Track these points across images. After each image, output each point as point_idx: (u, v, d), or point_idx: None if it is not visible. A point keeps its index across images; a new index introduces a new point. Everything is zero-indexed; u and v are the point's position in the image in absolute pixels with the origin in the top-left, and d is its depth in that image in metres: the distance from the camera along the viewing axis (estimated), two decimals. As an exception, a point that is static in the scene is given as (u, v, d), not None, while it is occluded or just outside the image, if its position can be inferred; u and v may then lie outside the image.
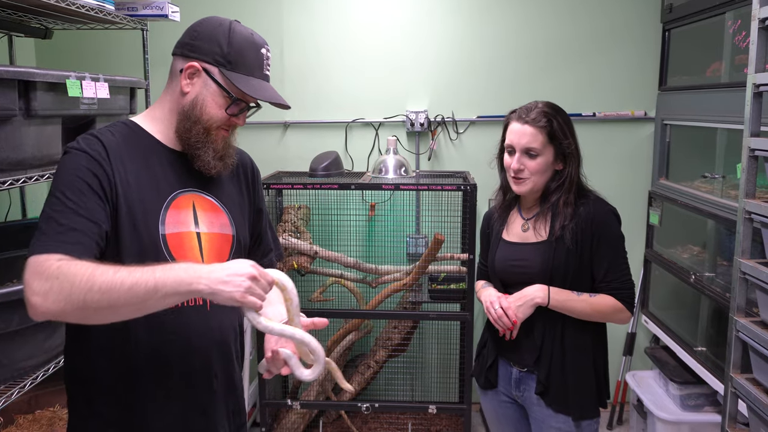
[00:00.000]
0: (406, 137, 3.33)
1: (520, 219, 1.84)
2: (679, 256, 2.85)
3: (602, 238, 1.70)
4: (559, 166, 1.75)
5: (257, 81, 1.30)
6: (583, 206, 1.72)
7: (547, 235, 1.74)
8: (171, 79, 1.31)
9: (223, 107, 1.28)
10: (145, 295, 1.04)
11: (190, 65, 1.26)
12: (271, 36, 3.27)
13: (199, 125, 1.27)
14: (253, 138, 3.33)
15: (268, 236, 1.53)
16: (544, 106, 1.73)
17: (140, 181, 1.24)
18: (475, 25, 3.24)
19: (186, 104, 1.27)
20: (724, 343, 1.96)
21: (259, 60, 1.31)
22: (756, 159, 1.79)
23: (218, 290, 1.06)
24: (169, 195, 1.27)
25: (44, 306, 1.03)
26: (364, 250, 3.19)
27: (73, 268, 1.04)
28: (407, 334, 3.12)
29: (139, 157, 1.26)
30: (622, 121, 3.24)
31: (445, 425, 3.21)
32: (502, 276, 1.82)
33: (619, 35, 3.21)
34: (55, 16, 2.21)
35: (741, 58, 2.32)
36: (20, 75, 1.66)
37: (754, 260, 1.80)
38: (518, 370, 1.80)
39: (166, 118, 1.31)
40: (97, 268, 1.05)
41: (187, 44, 1.29)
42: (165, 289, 1.04)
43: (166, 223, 1.24)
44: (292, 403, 2.92)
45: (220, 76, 1.26)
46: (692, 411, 2.59)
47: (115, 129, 1.28)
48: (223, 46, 1.26)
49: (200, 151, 1.29)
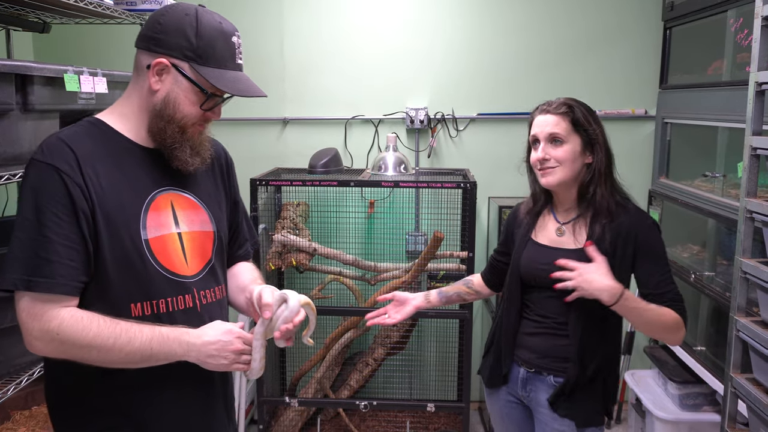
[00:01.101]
0: (406, 134, 3.32)
1: (554, 222, 1.75)
2: (679, 255, 2.84)
3: (649, 253, 1.63)
4: (589, 159, 1.67)
5: (231, 73, 1.23)
6: (623, 216, 1.64)
7: (585, 241, 1.65)
8: (137, 74, 1.24)
9: (197, 104, 1.23)
10: (140, 361, 1.17)
11: (158, 62, 1.19)
12: (271, 32, 3.26)
13: (174, 124, 1.22)
14: (252, 134, 3.32)
15: (244, 227, 1.51)
16: (565, 99, 1.70)
17: (116, 186, 1.19)
18: (475, 23, 3.23)
19: (157, 103, 1.21)
20: (724, 342, 1.95)
21: (231, 49, 1.24)
22: (758, 158, 1.79)
23: (207, 363, 1.21)
24: (147, 197, 1.23)
25: (44, 353, 1.16)
26: (363, 247, 3.18)
27: (72, 332, 1.12)
28: (406, 332, 3.12)
29: (112, 159, 1.21)
30: (622, 120, 3.23)
31: (443, 423, 3.20)
32: (526, 277, 1.74)
33: (619, 33, 3.20)
34: (53, 10, 2.20)
35: (743, 56, 2.31)
36: (17, 69, 1.64)
37: (755, 259, 1.79)
38: (525, 370, 1.76)
39: (135, 116, 1.25)
40: (98, 333, 1.13)
41: (151, 38, 1.21)
42: (158, 358, 1.18)
43: (148, 226, 1.21)
44: (290, 401, 2.91)
45: (192, 72, 1.20)
46: (691, 410, 2.59)
47: (83, 130, 1.22)
48: (192, 38, 1.19)
49: (177, 150, 1.24)
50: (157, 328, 1.17)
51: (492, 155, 3.29)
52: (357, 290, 3.07)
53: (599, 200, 1.65)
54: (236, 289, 1.43)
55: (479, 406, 3.44)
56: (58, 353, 1.14)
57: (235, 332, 1.21)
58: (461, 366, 3.01)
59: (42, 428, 2.23)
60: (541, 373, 1.72)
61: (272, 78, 3.30)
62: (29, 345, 1.14)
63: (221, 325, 1.23)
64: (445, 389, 3.27)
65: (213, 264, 1.33)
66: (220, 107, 1.28)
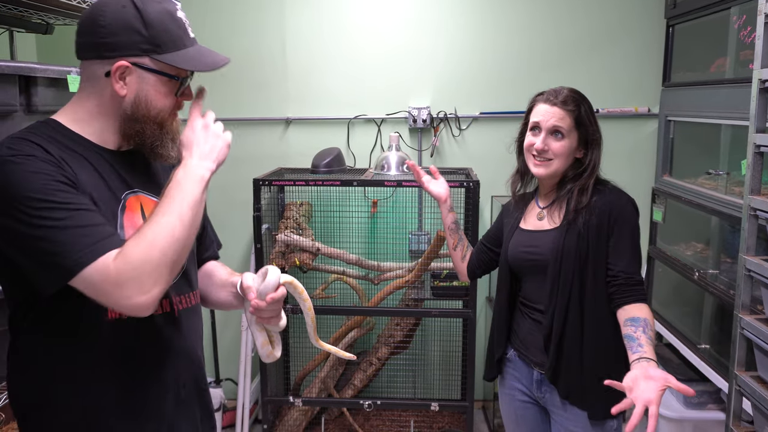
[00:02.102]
0: (409, 134, 3.31)
1: (536, 208, 1.82)
2: (683, 253, 2.84)
3: (622, 229, 1.65)
4: (580, 153, 1.72)
5: (192, 50, 1.17)
6: (600, 194, 1.68)
7: (560, 221, 1.71)
8: (90, 84, 1.15)
9: (169, 93, 1.17)
10: (195, 211, 1.10)
11: (117, 66, 1.11)
12: (273, 32, 3.27)
13: (151, 122, 1.16)
14: (254, 135, 3.32)
15: (208, 228, 1.47)
16: (571, 91, 1.71)
17: (90, 182, 1.11)
18: (478, 22, 3.23)
19: (127, 107, 1.14)
20: (728, 340, 1.95)
21: (182, 26, 1.17)
22: (761, 155, 1.78)
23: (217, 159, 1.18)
24: (121, 196, 1.17)
25: (152, 298, 1.03)
26: (367, 247, 3.18)
27: (137, 254, 1.02)
28: (409, 332, 3.12)
29: (79, 156, 1.13)
30: (625, 118, 3.23)
31: (447, 422, 3.20)
32: (513, 263, 1.79)
33: (622, 31, 3.19)
34: (56, 11, 2.20)
35: (746, 53, 2.30)
36: (21, 70, 1.65)
37: (759, 257, 1.79)
38: (539, 372, 1.76)
39: (95, 120, 1.16)
40: (146, 233, 1.04)
41: (99, 44, 1.11)
42: (196, 194, 1.11)
43: (125, 227, 1.15)
44: (294, 400, 2.91)
45: (155, 63, 1.13)
46: (696, 409, 2.58)
47: (40, 130, 1.13)
48: (142, 30, 1.11)
49: (159, 148, 1.18)
50: (166, 191, 1.11)
51: (495, 154, 3.28)
52: (360, 290, 3.07)
53: (576, 193, 1.69)
54: (216, 287, 1.39)
55: (483, 405, 3.44)
56: (159, 283, 1.03)
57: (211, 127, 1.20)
58: (465, 365, 3.01)
59: None
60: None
61: (275, 78, 3.31)
62: (134, 308, 1.02)
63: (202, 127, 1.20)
64: (449, 388, 3.27)
65: (186, 268, 1.28)
66: (189, 87, 1.22)
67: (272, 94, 3.33)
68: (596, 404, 1.66)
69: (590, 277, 1.66)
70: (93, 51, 1.13)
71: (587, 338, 1.67)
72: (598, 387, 1.66)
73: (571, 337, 1.68)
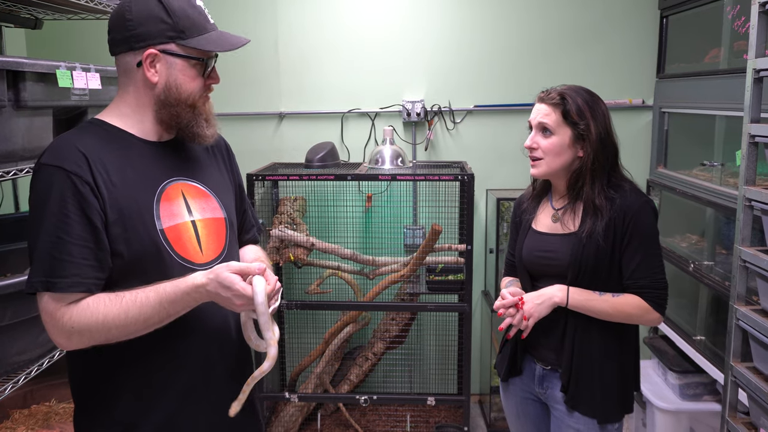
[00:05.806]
0: (403, 127, 3.30)
1: (550, 209, 1.76)
2: (678, 244, 2.84)
3: (635, 231, 1.60)
4: (581, 152, 1.65)
5: (213, 34, 1.27)
6: (617, 199, 1.63)
7: (576, 228, 1.66)
8: (126, 77, 1.26)
9: (197, 76, 1.27)
10: (159, 322, 1.18)
11: (148, 54, 1.22)
12: (265, 26, 3.24)
13: (183, 105, 1.25)
14: (248, 129, 3.31)
15: (249, 212, 1.54)
16: (565, 87, 1.67)
17: (126, 180, 1.22)
18: (472, 14, 3.21)
19: (159, 93, 1.24)
20: (723, 332, 1.95)
21: (202, 13, 1.28)
22: (756, 146, 1.78)
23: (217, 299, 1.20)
24: (158, 188, 1.26)
25: (71, 347, 1.18)
26: (361, 241, 3.17)
27: (83, 321, 1.14)
28: (405, 326, 3.11)
29: (119, 155, 1.23)
30: (619, 110, 3.22)
31: (443, 417, 3.20)
32: (529, 267, 1.75)
33: (616, 22, 3.18)
34: (46, 5, 2.18)
35: (740, 44, 2.30)
36: (9, 65, 1.63)
37: (755, 248, 1.79)
38: (542, 368, 1.75)
39: (135, 113, 1.27)
40: (106, 314, 1.14)
41: (128, 38, 1.23)
42: (177, 313, 1.19)
43: (161, 216, 1.23)
44: (290, 396, 2.91)
45: (181, 49, 1.23)
46: (691, 400, 2.58)
47: (88, 130, 1.25)
48: (166, 19, 1.22)
49: (195, 128, 1.27)
50: (161, 288, 1.16)
51: (489, 147, 3.28)
52: (355, 285, 3.07)
53: (585, 196, 1.65)
54: None
55: (479, 399, 3.44)
56: (83, 343, 1.16)
57: (234, 288, 1.17)
58: (461, 359, 3.01)
59: (41, 426, 2.22)
60: (557, 370, 1.72)
61: (267, 72, 3.29)
62: (57, 343, 1.19)
63: (221, 275, 1.18)
64: (446, 383, 3.27)
65: (228, 252, 1.35)
66: (215, 69, 1.31)
67: (265, 89, 3.30)
68: (602, 408, 1.66)
69: (606, 281, 1.65)
70: (124, 44, 1.23)
71: (595, 347, 1.67)
72: (604, 391, 1.66)
73: (584, 339, 1.67)
